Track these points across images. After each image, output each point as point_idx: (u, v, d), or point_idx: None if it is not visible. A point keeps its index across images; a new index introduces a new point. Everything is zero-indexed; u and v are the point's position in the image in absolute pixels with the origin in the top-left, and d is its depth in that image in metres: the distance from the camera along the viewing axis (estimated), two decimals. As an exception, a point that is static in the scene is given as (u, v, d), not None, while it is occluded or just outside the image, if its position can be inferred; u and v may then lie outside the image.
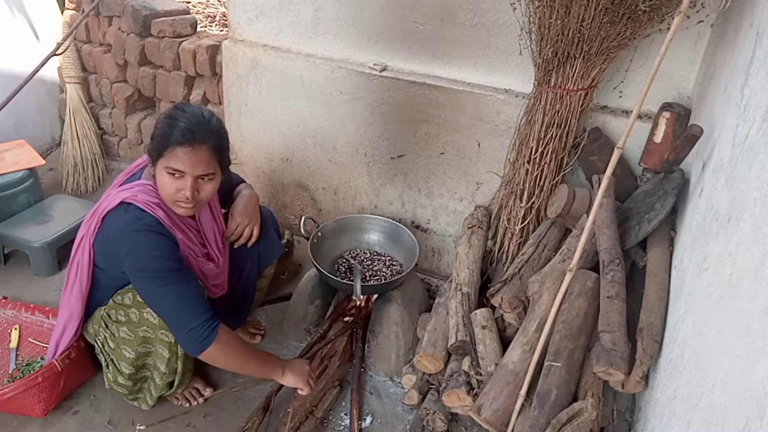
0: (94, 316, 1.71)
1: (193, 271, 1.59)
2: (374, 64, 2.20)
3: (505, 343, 1.71)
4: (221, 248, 1.80)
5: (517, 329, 1.68)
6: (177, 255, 1.54)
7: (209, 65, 2.68)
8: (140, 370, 1.72)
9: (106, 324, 1.67)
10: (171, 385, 1.76)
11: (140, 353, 1.67)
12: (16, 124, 2.97)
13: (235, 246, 1.85)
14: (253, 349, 1.70)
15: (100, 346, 1.72)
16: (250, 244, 1.86)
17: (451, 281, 1.98)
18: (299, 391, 1.75)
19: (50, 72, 3.13)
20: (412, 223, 2.42)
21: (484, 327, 1.73)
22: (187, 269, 1.56)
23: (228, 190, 1.88)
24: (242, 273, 1.93)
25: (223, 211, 1.84)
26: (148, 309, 1.59)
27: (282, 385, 1.82)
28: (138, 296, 1.60)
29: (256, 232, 1.86)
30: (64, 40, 2.63)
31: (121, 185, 1.62)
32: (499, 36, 1.97)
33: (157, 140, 1.51)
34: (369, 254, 2.29)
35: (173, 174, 1.50)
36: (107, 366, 1.73)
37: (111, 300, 1.66)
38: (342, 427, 1.82)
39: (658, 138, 1.77)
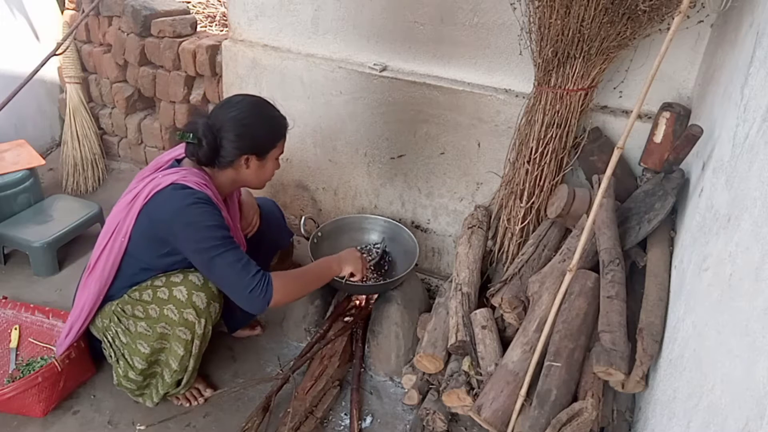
0: (104, 311, 1.72)
1: None
2: (374, 64, 2.20)
3: (505, 343, 1.71)
4: (241, 235, 1.89)
5: (517, 329, 1.68)
6: (227, 225, 1.60)
7: (209, 65, 2.68)
8: (152, 366, 1.73)
9: (118, 318, 1.68)
10: (178, 383, 1.77)
11: (155, 349, 1.68)
12: (16, 124, 2.97)
13: (248, 236, 1.96)
14: (304, 271, 1.75)
15: (110, 340, 1.73)
16: (253, 232, 1.99)
17: (451, 281, 1.98)
18: (352, 277, 1.86)
19: (50, 72, 3.13)
20: (412, 223, 2.42)
21: (484, 327, 1.73)
22: (234, 239, 1.62)
23: None
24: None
25: None
26: (169, 305, 1.61)
27: (282, 385, 1.83)
28: (158, 292, 1.62)
29: (258, 220, 1.99)
30: (64, 40, 2.63)
31: (152, 174, 1.64)
32: (499, 36, 1.97)
33: (268, 136, 1.69)
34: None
35: (279, 159, 1.75)
36: (117, 361, 1.73)
37: (126, 295, 1.68)
38: (342, 427, 1.82)
39: (658, 138, 1.77)
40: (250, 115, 1.64)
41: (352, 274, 1.86)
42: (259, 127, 1.66)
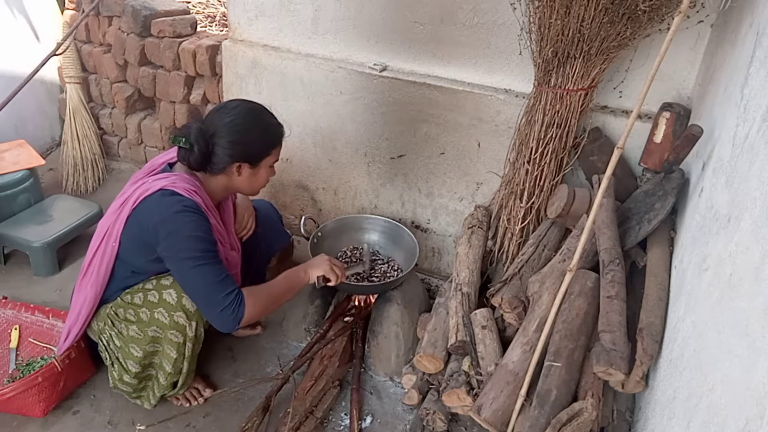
0: (100, 314, 1.72)
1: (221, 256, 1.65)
2: (374, 64, 2.20)
3: (505, 343, 1.71)
4: (236, 238, 1.87)
5: (517, 329, 1.68)
6: (212, 238, 1.58)
7: (209, 65, 2.68)
8: (146, 369, 1.73)
9: (112, 322, 1.68)
10: (174, 385, 1.77)
11: (148, 352, 1.68)
12: (16, 124, 2.97)
13: (244, 239, 1.95)
14: (274, 285, 1.71)
15: (105, 344, 1.73)
16: (249, 235, 1.97)
17: (451, 281, 1.98)
18: (328, 283, 1.81)
19: (50, 72, 3.13)
20: (412, 223, 2.42)
21: (484, 327, 1.73)
22: (219, 252, 1.60)
23: None
24: (251, 266, 2.01)
25: None
26: (160, 309, 1.61)
27: (282, 385, 1.83)
28: (149, 296, 1.62)
29: (253, 222, 1.99)
30: (64, 40, 2.63)
31: (143, 178, 1.64)
32: (499, 36, 1.97)
33: (262, 145, 1.66)
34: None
35: (273, 166, 1.73)
36: (112, 364, 1.73)
37: (119, 299, 1.67)
38: (342, 427, 1.82)
39: (658, 138, 1.77)
40: (244, 121, 1.62)
41: (328, 279, 1.81)
42: (253, 134, 1.64)
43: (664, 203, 1.60)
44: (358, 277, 2.13)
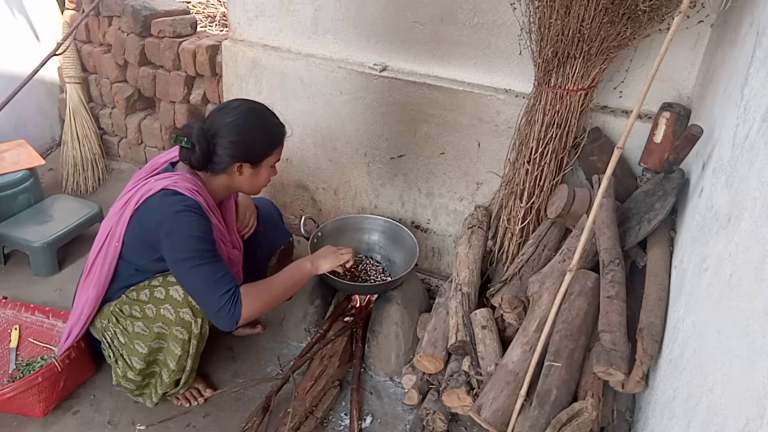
0: (103, 311, 1.72)
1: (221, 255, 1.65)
2: (374, 64, 2.20)
3: (505, 343, 1.71)
4: (237, 237, 1.88)
5: (517, 329, 1.68)
6: (212, 238, 1.59)
7: (209, 65, 2.68)
8: (150, 366, 1.73)
9: (117, 319, 1.69)
10: (177, 383, 1.77)
11: (153, 348, 1.68)
12: (16, 124, 2.97)
13: (245, 237, 1.96)
14: (275, 280, 1.70)
15: (109, 341, 1.73)
16: (250, 234, 1.98)
17: (451, 281, 1.98)
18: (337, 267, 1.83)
19: (50, 72, 3.13)
20: (412, 223, 2.42)
21: (484, 327, 1.73)
22: (218, 251, 1.61)
23: None
24: (252, 264, 2.01)
25: None
26: (166, 305, 1.62)
27: (282, 385, 1.83)
28: (155, 292, 1.63)
29: (254, 221, 2.00)
30: (64, 40, 2.63)
31: (146, 178, 1.64)
32: (499, 36, 1.97)
33: (263, 145, 1.65)
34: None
35: (275, 165, 1.72)
36: (116, 361, 1.74)
37: (124, 296, 1.68)
38: (342, 427, 1.82)
39: (658, 138, 1.77)
40: (245, 121, 1.61)
41: (335, 272, 1.85)
42: (255, 134, 1.64)
43: (664, 203, 1.60)
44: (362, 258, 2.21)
